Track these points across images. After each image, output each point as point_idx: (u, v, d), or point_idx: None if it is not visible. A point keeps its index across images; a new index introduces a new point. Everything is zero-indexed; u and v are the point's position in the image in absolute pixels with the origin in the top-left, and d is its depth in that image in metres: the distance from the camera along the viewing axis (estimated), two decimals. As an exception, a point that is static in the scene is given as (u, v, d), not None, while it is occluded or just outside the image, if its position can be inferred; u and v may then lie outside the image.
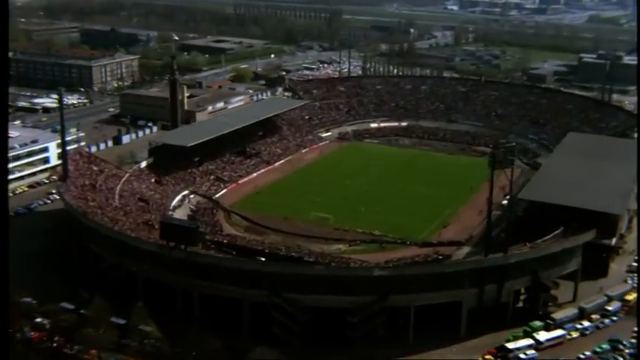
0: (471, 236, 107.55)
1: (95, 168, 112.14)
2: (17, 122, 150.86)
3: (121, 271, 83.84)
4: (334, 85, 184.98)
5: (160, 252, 79.19)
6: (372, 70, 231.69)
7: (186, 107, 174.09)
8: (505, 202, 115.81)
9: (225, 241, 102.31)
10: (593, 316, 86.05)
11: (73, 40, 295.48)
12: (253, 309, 77.88)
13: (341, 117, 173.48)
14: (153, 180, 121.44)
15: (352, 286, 76.37)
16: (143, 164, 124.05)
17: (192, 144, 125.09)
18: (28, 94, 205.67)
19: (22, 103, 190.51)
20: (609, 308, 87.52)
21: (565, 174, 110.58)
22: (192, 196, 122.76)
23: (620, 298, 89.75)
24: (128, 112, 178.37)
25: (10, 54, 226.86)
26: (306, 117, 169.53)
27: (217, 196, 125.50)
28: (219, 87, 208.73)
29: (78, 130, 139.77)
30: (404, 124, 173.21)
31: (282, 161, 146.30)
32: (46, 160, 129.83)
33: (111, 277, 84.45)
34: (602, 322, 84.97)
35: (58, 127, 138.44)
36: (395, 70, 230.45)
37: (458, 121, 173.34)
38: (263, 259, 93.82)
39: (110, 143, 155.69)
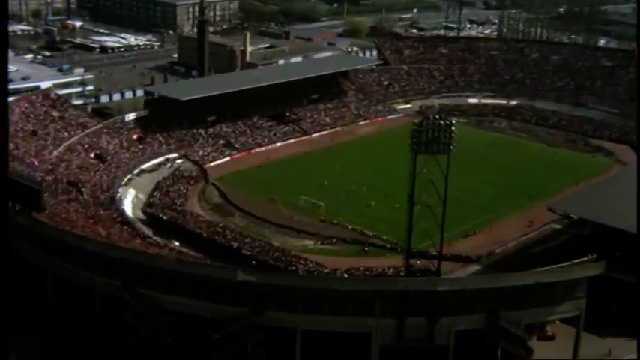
0: (492, 253, 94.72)
1: (55, 114, 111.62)
2: (29, 56, 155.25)
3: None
4: (435, 46, 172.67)
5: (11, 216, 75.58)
6: (513, 33, 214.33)
7: (248, 59, 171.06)
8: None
9: (165, 217, 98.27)
10: (587, 390, 70.75)
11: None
12: (110, 303, 72.17)
13: (431, 86, 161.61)
14: (135, 137, 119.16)
15: (216, 290, 68.15)
16: (130, 117, 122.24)
17: (188, 98, 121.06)
18: (101, 30, 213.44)
19: (79, 40, 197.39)
20: (615, 381, 71.53)
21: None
22: (179, 160, 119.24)
23: (641, 368, 72.89)
24: (186, 59, 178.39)
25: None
26: (385, 82, 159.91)
27: (213, 164, 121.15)
28: (309, 40, 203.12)
29: (86, 72, 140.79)
30: (513, 102, 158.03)
31: (324, 132, 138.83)
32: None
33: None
34: (596, 400, 69.50)
35: (65, 66, 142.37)
36: (554, 37, 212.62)
37: (587, 104, 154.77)
38: (177, 243, 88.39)
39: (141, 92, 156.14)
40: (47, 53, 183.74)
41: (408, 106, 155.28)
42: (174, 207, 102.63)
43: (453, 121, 73.86)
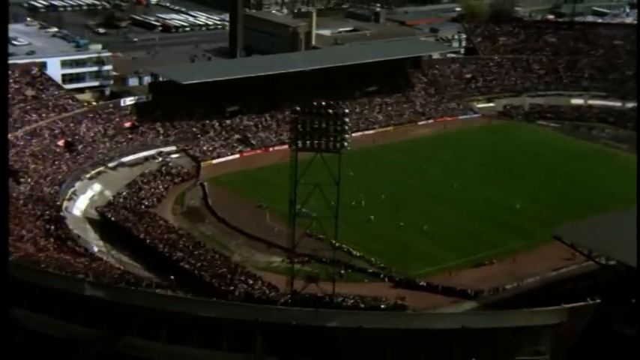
0: (499, 289, 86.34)
1: (28, 93, 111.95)
2: (51, 30, 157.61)
3: None
4: (541, 33, 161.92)
5: None
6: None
7: (313, 42, 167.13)
8: None
9: (113, 218, 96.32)
10: None
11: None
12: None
13: (526, 82, 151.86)
14: (127, 124, 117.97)
15: (67, 306, 64.51)
16: (127, 101, 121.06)
17: (190, 82, 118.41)
18: (176, 7, 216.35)
19: (141, 17, 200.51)
20: None
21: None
22: (176, 155, 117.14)
23: None
24: (249, 40, 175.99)
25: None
26: (467, 75, 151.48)
27: (216, 161, 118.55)
28: (402, 23, 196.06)
29: (104, 49, 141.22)
30: (629, 105, 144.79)
31: (369, 132, 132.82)
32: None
33: None
34: None
35: (82, 42, 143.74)
36: None
37: None
38: (96, 249, 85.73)
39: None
40: (102, 30, 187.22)
41: (490, 105, 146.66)
42: (138, 208, 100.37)
43: (346, 110, 66.20)
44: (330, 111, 64.61)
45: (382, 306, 79.75)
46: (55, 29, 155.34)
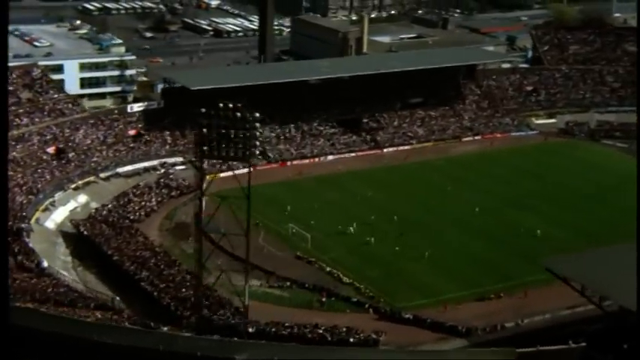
0: (497, 327, 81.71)
1: (24, 95, 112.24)
2: (81, 31, 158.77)
3: None
4: (619, 41, 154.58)
5: None
6: None
7: (365, 48, 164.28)
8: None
9: (86, 232, 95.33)
10: None
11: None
12: None
13: (596, 96, 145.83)
14: (132, 132, 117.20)
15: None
16: (135, 107, 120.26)
17: (199, 87, 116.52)
18: (235, 11, 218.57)
19: (193, 21, 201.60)
20: None
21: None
22: (181, 166, 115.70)
23: None
24: (299, 47, 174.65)
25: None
26: (528, 88, 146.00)
27: (225, 175, 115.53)
28: (474, 30, 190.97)
29: (127, 52, 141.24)
30: None
31: (404, 147, 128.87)
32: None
33: None
34: None
35: (105, 43, 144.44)
36: None
37: None
38: (46, 264, 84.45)
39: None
40: (148, 34, 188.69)
41: (551, 121, 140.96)
42: (120, 222, 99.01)
43: (257, 115, 62.61)
44: (238, 114, 61.13)
45: (351, 340, 76.11)
46: (84, 30, 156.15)
